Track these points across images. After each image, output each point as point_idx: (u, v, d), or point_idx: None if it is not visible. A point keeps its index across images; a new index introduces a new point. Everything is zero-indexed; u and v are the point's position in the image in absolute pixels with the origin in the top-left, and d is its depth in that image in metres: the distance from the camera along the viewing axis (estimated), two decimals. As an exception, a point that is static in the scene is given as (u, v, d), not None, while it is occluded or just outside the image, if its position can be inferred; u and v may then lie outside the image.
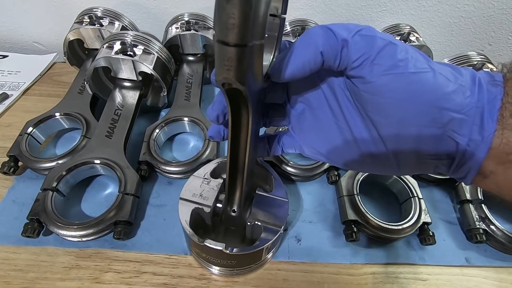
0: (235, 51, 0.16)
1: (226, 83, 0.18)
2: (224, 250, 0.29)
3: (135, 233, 0.38)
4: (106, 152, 0.41)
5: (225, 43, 0.15)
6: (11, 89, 0.57)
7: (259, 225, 0.31)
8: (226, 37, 0.15)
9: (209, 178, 0.35)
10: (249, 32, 0.15)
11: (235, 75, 0.17)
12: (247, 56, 0.16)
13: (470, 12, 0.59)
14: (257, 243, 0.30)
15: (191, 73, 0.56)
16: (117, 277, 0.34)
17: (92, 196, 0.41)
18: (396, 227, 0.37)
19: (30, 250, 0.35)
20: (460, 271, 0.37)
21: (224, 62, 0.16)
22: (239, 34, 0.15)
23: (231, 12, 0.14)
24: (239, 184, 0.29)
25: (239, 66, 0.16)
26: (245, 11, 0.14)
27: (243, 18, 0.15)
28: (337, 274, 0.35)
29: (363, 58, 0.18)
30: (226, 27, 0.15)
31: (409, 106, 0.18)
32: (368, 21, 0.63)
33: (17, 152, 0.42)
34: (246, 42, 0.16)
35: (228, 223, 0.33)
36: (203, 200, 0.33)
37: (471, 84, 0.19)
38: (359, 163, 0.24)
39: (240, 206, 0.31)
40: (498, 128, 0.18)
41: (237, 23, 0.15)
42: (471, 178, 0.20)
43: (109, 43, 0.46)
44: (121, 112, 0.46)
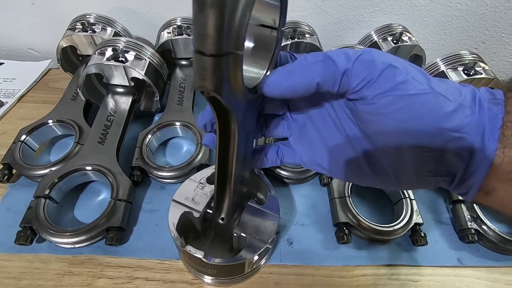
0: (210, 61, 0.16)
1: (204, 92, 0.18)
2: (202, 258, 0.29)
3: (128, 238, 0.38)
4: (98, 158, 0.41)
5: (201, 53, 0.16)
6: (6, 97, 0.57)
7: (244, 237, 0.31)
8: (201, 47, 0.15)
9: (204, 183, 0.35)
10: (223, 43, 0.15)
11: (210, 85, 0.17)
12: (223, 66, 0.16)
13: (463, 10, 0.59)
14: (237, 256, 0.30)
15: (184, 77, 0.56)
16: (110, 283, 0.34)
17: (85, 202, 0.42)
18: (388, 229, 0.37)
19: (23, 258, 0.36)
20: (452, 271, 0.37)
21: (200, 71, 0.16)
22: (213, 44, 0.15)
23: (204, 22, 0.14)
24: (228, 193, 0.29)
25: (214, 76, 0.16)
26: (218, 21, 0.14)
27: (216, 28, 0.15)
28: (328, 277, 0.36)
29: (364, 83, 0.19)
30: (200, 37, 0.15)
31: (409, 127, 0.19)
32: (361, 22, 0.63)
33: (11, 159, 0.42)
34: (220, 52, 0.16)
35: (216, 230, 0.33)
36: (194, 204, 0.33)
37: (471, 103, 0.19)
38: (360, 177, 0.24)
39: (228, 215, 0.31)
40: (499, 146, 0.18)
41: (210, 33, 0.15)
42: (473, 195, 0.20)
43: (100, 49, 0.46)
44: (114, 118, 0.46)
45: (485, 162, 0.18)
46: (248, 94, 0.20)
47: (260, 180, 0.36)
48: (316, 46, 0.56)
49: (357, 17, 0.62)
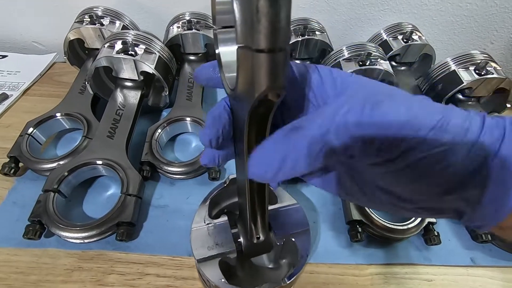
0: (282, 56, 0.15)
1: (262, 96, 0.16)
2: (282, 285, 0.27)
3: (138, 234, 0.37)
4: (108, 152, 0.41)
5: (271, 50, 0.14)
6: (10, 89, 0.56)
7: (292, 239, 0.30)
8: (273, 43, 0.14)
9: (211, 222, 0.31)
10: (289, 33, 0.14)
11: (282, 83, 0.16)
12: (288, 59, 0.15)
13: (472, 10, 0.59)
14: (302, 256, 0.29)
15: (192, 72, 0.55)
16: (121, 279, 0.33)
17: (93, 197, 0.41)
18: (401, 227, 0.37)
19: (32, 252, 0.35)
20: (466, 271, 0.36)
21: (271, 71, 0.15)
22: (285, 37, 0.14)
23: (276, 14, 0.13)
24: (262, 208, 0.27)
25: (284, 72, 0.15)
26: (289, 11, 0.13)
27: (288, 18, 0.13)
28: (342, 275, 0.35)
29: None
30: (272, 32, 0.14)
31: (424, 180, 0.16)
32: (370, 20, 0.62)
33: (18, 153, 0.41)
34: (287, 44, 0.15)
35: (252, 254, 0.31)
36: (222, 248, 0.29)
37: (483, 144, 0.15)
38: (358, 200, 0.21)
39: (265, 230, 0.29)
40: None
41: (283, 25, 0.14)
42: (487, 229, 0.17)
43: (110, 42, 0.46)
44: (123, 112, 0.46)
45: (500, 214, 0.15)
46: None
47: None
48: (327, 43, 0.55)
49: (366, 15, 0.62)
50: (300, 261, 0.29)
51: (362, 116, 0.15)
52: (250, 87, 0.16)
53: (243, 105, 0.19)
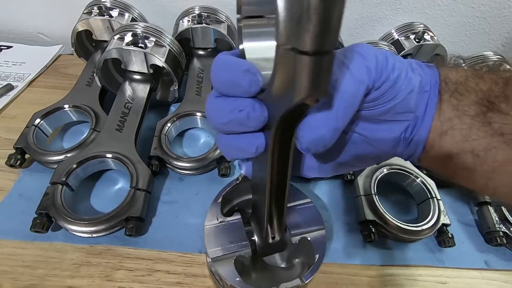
0: (328, 59, 0.14)
1: (302, 101, 0.15)
2: (301, 284, 0.27)
3: (147, 230, 0.37)
4: (116, 146, 0.40)
5: (317, 53, 0.13)
6: (15, 80, 0.55)
7: (307, 238, 0.29)
8: (321, 45, 0.13)
9: (224, 219, 0.30)
10: (338, 34, 0.13)
11: (325, 88, 0.14)
12: (333, 62, 0.14)
13: (485, 12, 0.58)
14: (319, 256, 0.28)
15: (201, 67, 0.54)
16: (130, 275, 0.33)
17: (101, 191, 0.40)
18: (415, 228, 0.36)
19: (38, 246, 0.34)
20: (480, 274, 0.36)
21: (315, 75, 0.14)
22: (334, 38, 0.13)
23: (328, 14, 0.12)
24: (280, 210, 0.26)
25: (328, 76, 0.14)
26: (342, 10, 0.12)
27: (340, 18, 0.12)
28: (355, 276, 0.35)
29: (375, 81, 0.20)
30: (321, 32, 0.12)
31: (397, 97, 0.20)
32: (381, 19, 0.62)
33: (24, 144, 0.40)
34: (335, 46, 0.13)
35: (265, 252, 0.30)
36: (237, 246, 0.28)
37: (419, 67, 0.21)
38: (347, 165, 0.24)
39: (281, 230, 0.28)
40: (437, 101, 0.21)
41: (335, 25, 0.12)
42: (420, 152, 0.22)
43: (120, 34, 0.45)
44: (132, 105, 0.45)
45: (430, 114, 0.21)
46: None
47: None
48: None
49: (378, 14, 0.61)
50: (317, 260, 0.28)
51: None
52: (288, 90, 0.15)
53: (274, 105, 0.18)
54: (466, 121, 0.20)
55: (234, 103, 0.18)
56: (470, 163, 0.20)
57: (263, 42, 0.22)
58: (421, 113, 0.21)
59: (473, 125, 0.20)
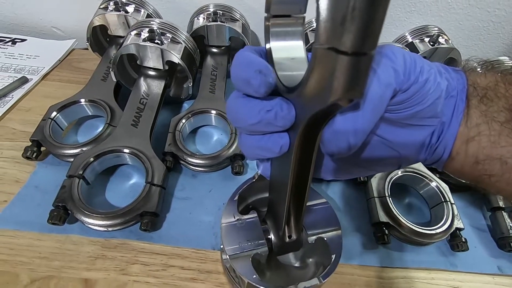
0: (367, 60, 0.13)
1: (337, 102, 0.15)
2: (318, 284, 0.27)
3: (161, 225, 0.37)
4: (132, 141, 0.40)
5: (357, 54, 0.13)
6: (30, 73, 0.56)
7: (323, 238, 0.29)
8: (361, 46, 0.13)
9: (240, 218, 0.31)
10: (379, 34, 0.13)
11: (361, 90, 0.14)
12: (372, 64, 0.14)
13: (501, 16, 0.58)
14: (335, 257, 0.28)
15: (215, 65, 0.54)
16: (145, 270, 0.33)
17: (116, 185, 0.40)
18: (429, 232, 0.36)
19: (55, 238, 0.34)
20: (493, 279, 0.36)
21: (352, 77, 0.14)
22: (375, 40, 0.13)
23: (371, 15, 0.12)
24: (299, 210, 0.26)
25: (365, 78, 0.14)
26: (385, 13, 0.12)
27: (381, 22, 0.12)
28: (368, 277, 0.35)
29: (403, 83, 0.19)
30: (364, 33, 0.12)
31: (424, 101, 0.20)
32: (396, 21, 0.62)
33: (41, 137, 0.41)
34: (374, 49, 0.13)
35: (280, 251, 0.30)
36: (253, 245, 0.29)
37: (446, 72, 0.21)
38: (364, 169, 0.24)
39: (298, 230, 0.28)
40: (464, 106, 0.20)
41: (377, 28, 0.12)
42: (446, 158, 0.21)
43: (137, 30, 0.45)
44: (147, 101, 0.45)
45: (457, 120, 0.20)
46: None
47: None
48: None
49: (392, 17, 0.61)
50: (334, 260, 0.28)
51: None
52: (324, 91, 0.15)
53: (304, 105, 0.17)
54: (495, 127, 0.20)
55: (261, 104, 0.18)
56: (497, 169, 0.20)
57: (290, 42, 0.22)
58: (448, 119, 0.21)
59: (502, 132, 0.19)
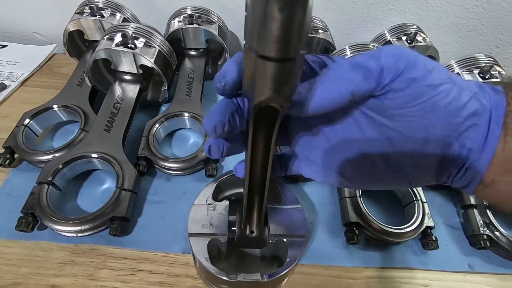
0: (291, 66, 0.13)
1: (263, 104, 0.15)
2: (260, 280, 0.27)
3: (132, 230, 0.37)
4: (104, 146, 0.40)
5: (280, 60, 0.13)
6: (9, 80, 0.56)
7: (284, 240, 0.29)
8: (282, 53, 0.13)
9: (212, 203, 0.32)
10: (301, 43, 0.13)
11: (285, 95, 0.15)
12: (297, 69, 0.14)
13: (479, 13, 0.58)
14: (288, 260, 0.28)
15: (192, 68, 0.54)
16: (113, 275, 0.33)
17: (89, 191, 0.40)
18: (399, 231, 0.36)
19: (24, 245, 0.34)
20: (463, 277, 0.36)
21: (276, 81, 0.14)
22: (291, 47, 0.12)
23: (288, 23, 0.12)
24: (258, 206, 0.27)
25: (291, 83, 0.14)
26: (301, 21, 0.12)
27: (299, 28, 0.12)
28: (338, 277, 0.35)
29: (394, 76, 0.19)
30: (275, 40, 0.12)
31: (433, 115, 0.19)
32: (374, 20, 0.62)
33: (13, 143, 0.41)
34: (296, 54, 0.13)
35: (245, 245, 0.31)
36: (215, 229, 0.30)
37: (479, 92, 0.20)
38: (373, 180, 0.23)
39: (260, 226, 0.29)
40: (501, 134, 0.18)
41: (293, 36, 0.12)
42: (475, 185, 0.20)
43: (109, 34, 0.45)
44: (121, 106, 0.45)
45: (491, 148, 0.19)
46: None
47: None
48: (329, 42, 0.54)
49: (371, 15, 0.61)
50: (286, 264, 0.28)
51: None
52: (252, 91, 0.15)
53: (249, 104, 0.18)
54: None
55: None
56: None
57: None
58: (477, 146, 0.19)
59: None
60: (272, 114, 0.17)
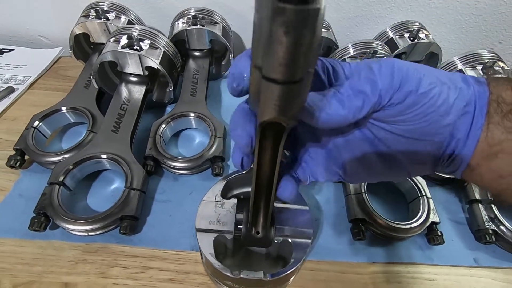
0: (297, 88, 0.13)
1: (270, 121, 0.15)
2: (263, 279, 0.27)
3: (141, 228, 0.38)
4: (112, 147, 0.41)
5: (285, 82, 0.13)
6: (17, 83, 0.57)
7: (289, 241, 0.30)
8: (286, 76, 0.12)
9: (221, 200, 0.32)
10: (307, 64, 0.12)
11: (292, 114, 0.14)
12: (303, 90, 0.14)
13: (481, 9, 0.58)
14: (292, 261, 0.29)
15: (197, 68, 0.55)
16: (124, 272, 0.34)
17: (98, 191, 0.41)
18: (404, 226, 0.36)
19: (37, 244, 0.35)
20: (469, 271, 0.36)
21: (279, 102, 0.13)
22: (297, 70, 0.12)
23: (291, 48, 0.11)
24: (264, 208, 0.27)
25: (297, 103, 0.14)
26: (308, 44, 0.11)
27: (307, 51, 0.11)
28: (343, 273, 0.35)
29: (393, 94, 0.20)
30: (281, 63, 0.12)
31: (427, 118, 0.20)
32: (377, 18, 0.62)
33: (24, 145, 0.42)
34: (303, 75, 0.13)
35: (250, 244, 0.31)
36: (222, 226, 0.30)
37: (464, 86, 0.21)
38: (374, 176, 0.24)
39: (266, 228, 0.29)
40: (484, 123, 0.20)
41: (300, 59, 0.12)
42: (462, 171, 0.21)
43: (115, 37, 0.46)
44: (127, 107, 0.46)
45: (474, 137, 0.20)
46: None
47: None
48: (332, 41, 0.55)
49: (373, 13, 0.61)
50: (289, 265, 0.29)
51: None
52: (257, 108, 0.15)
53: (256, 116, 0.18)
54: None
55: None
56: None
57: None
58: (463, 135, 0.20)
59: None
60: (278, 128, 0.17)
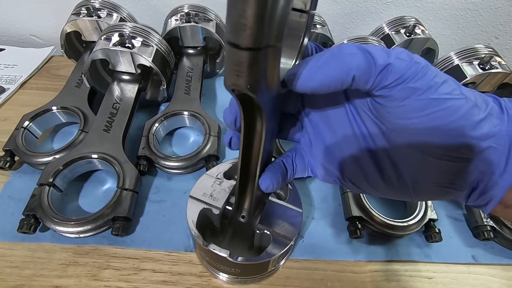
0: (247, 55, 0.14)
1: (235, 90, 0.16)
2: (228, 258, 0.28)
3: (134, 229, 0.37)
4: (104, 146, 0.40)
5: (235, 46, 0.13)
6: (7, 83, 0.56)
7: (268, 234, 0.30)
8: (237, 39, 0.13)
9: (221, 179, 0.33)
10: (264, 34, 0.13)
11: (245, 82, 0.15)
12: (261, 61, 0.14)
13: (477, 4, 0.58)
14: (263, 254, 0.29)
15: (191, 66, 0.54)
16: (116, 274, 0.33)
17: (90, 191, 0.40)
18: (402, 224, 0.36)
19: (27, 247, 0.34)
20: (467, 268, 0.36)
21: (234, 67, 0.14)
22: (252, 37, 0.13)
23: (242, 10, 0.12)
24: (250, 191, 0.27)
25: (251, 73, 0.14)
26: (260, 9, 0.12)
27: (257, 17, 0.13)
28: (341, 272, 0.35)
29: (398, 81, 0.17)
30: (236, 27, 0.13)
31: (436, 132, 0.18)
32: (372, 13, 0.61)
33: (13, 146, 0.41)
34: (260, 45, 0.14)
35: (236, 227, 0.31)
36: (213, 201, 0.31)
37: (499, 112, 0.18)
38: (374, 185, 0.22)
39: (250, 213, 0.29)
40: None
41: (249, 23, 0.13)
42: (492, 207, 0.19)
43: (106, 35, 0.45)
44: (120, 105, 0.45)
45: (509, 173, 0.18)
46: (281, 89, 0.18)
47: None
48: (328, 37, 0.54)
49: (369, 9, 0.60)
50: (260, 257, 0.29)
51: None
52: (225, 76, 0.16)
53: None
54: None
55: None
56: None
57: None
58: (499, 169, 0.18)
59: None
60: (250, 100, 0.17)
